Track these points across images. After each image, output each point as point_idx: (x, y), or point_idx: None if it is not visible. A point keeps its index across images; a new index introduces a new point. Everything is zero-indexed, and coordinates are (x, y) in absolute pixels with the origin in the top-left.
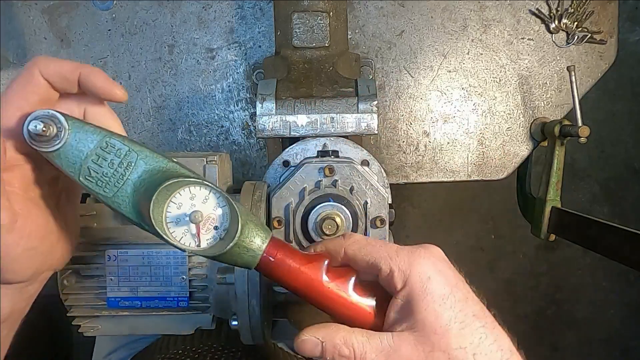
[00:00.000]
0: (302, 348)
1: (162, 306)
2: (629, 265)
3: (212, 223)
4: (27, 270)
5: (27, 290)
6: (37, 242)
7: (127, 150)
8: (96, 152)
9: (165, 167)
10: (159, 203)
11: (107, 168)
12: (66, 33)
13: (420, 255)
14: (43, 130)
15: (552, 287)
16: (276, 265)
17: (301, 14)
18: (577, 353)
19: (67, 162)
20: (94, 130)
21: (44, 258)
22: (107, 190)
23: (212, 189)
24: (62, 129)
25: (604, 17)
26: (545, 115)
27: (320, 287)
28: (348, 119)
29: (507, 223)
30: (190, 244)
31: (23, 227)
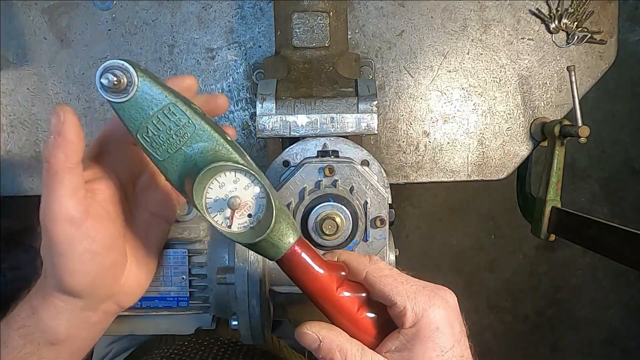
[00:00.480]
0: (302, 339)
1: (162, 306)
2: (629, 265)
3: (247, 210)
4: (84, 276)
5: (86, 316)
6: (101, 249)
7: (187, 122)
8: (158, 115)
9: (218, 147)
10: (204, 180)
11: (165, 133)
12: (66, 33)
13: (436, 304)
14: (115, 81)
15: (552, 287)
16: (296, 265)
17: (301, 14)
18: (577, 353)
19: (130, 117)
20: (161, 93)
21: (105, 273)
22: (159, 154)
23: (256, 179)
24: (132, 84)
25: (604, 17)
26: (545, 115)
27: (332, 297)
28: (348, 119)
29: (507, 223)
30: (222, 224)
31: (90, 228)
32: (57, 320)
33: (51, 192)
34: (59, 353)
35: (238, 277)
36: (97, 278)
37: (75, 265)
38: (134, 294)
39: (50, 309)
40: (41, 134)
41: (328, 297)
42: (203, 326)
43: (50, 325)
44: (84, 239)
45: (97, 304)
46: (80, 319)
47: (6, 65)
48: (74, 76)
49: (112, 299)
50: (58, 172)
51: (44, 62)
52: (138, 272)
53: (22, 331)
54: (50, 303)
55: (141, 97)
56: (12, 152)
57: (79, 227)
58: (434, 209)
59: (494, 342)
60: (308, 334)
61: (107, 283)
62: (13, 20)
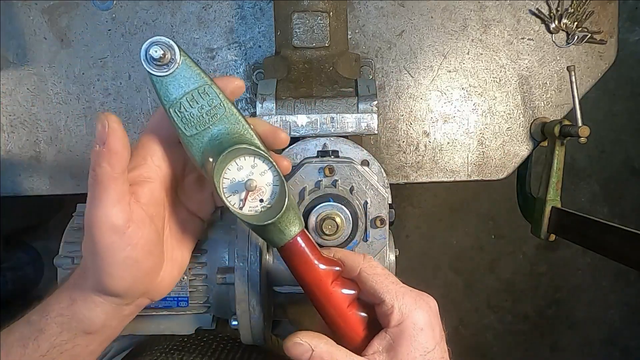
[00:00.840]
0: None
1: (162, 306)
2: (629, 265)
3: (260, 195)
4: (125, 280)
5: (121, 310)
6: (142, 255)
7: (219, 103)
8: (193, 93)
9: (244, 132)
10: (226, 159)
11: (197, 110)
12: (66, 33)
13: (421, 307)
14: (162, 54)
15: (552, 287)
16: (297, 255)
17: (301, 14)
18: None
19: (166, 92)
20: (199, 73)
21: (144, 277)
22: (188, 130)
23: (273, 167)
24: (174, 61)
25: (604, 17)
26: (545, 115)
27: (325, 289)
28: (348, 119)
29: (507, 223)
30: (235, 204)
31: (132, 236)
32: (94, 313)
33: (96, 200)
34: (92, 341)
35: (238, 277)
36: (135, 282)
37: (117, 271)
38: (166, 289)
39: (88, 303)
40: (41, 134)
41: (322, 289)
42: (203, 326)
43: (87, 317)
44: (126, 246)
45: (133, 300)
46: (116, 312)
47: (6, 65)
48: (74, 76)
49: (146, 295)
50: (103, 181)
51: (44, 62)
52: (172, 270)
53: (60, 320)
54: (88, 297)
55: (180, 74)
56: (12, 152)
57: (122, 235)
58: (434, 209)
59: (494, 342)
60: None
61: (145, 285)
62: (13, 20)
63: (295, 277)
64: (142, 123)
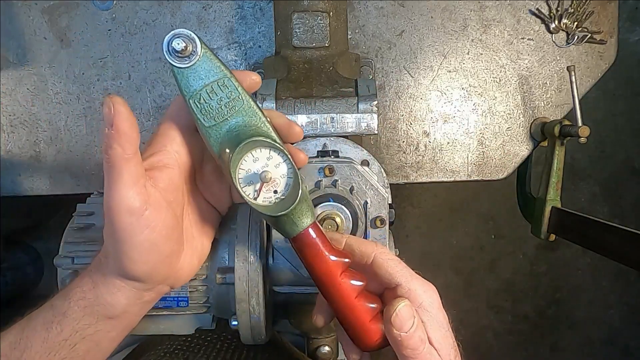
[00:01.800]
0: (400, 318)
1: (162, 306)
2: (629, 265)
3: (274, 187)
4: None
5: (142, 296)
6: (160, 238)
7: (237, 96)
8: (213, 85)
9: (260, 124)
10: (243, 150)
11: (216, 102)
12: (66, 33)
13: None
14: (183, 47)
15: (552, 287)
16: (308, 245)
17: (301, 14)
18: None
19: (187, 83)
20: (219, 66)
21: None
22: (207, 120)
23: (287, 160)
24: (195, 54)
25: (604, 17)
26: (545, 115)
27: (335, 280)
28: (348, 119)
29: (507, 223)
30: (249, 195)
31: (150, 218)
32: (116, 297)
33: (111, 183)
34: (114, 327)
35: (238, 277)
36: (156, 266)
37: (136, 254)
38: (186, 277)
39: (110, 287)
40: (41, 134)
41: (332, 280)
42: (203, 326)
43: (109, 301)
44: (144, 228)
45: (153, 286)
46: (137, 297)
47: (6, 65)
48: (74, 76)
49: (166, 281)
50: (116, 163)
51: (44, 62)
52: (192, 258)
53: (82, 303)
54: (110, 282)
55: (201, 66)
56: (12, 152)
57: (139, 217)
58: (434, 209)
59: (494, 342)
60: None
61: (165, 270)
62: (13, 20)
63: (306, 267)
64: (142, 123)
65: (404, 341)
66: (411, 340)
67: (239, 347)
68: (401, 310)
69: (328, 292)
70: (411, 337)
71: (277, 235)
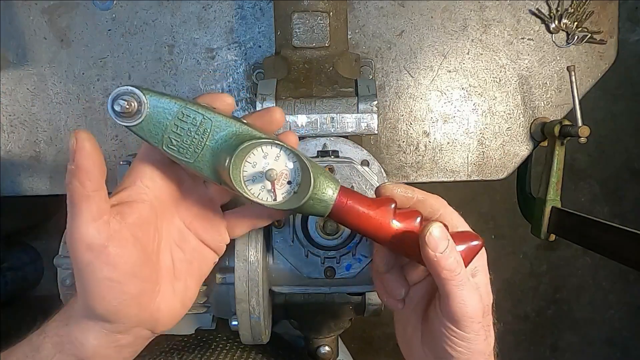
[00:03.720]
0: (434, 237)
1: None
2: (629, 265)
3: (286, 178)
4: (106, 301)
5: (116, 339)
6: (123, 276)
7: (202, 119)
8: (175, 123)
9: (238, 130)
10: (236, 165)
11: (186, 136)
12: (66, 33)
13: (484, 251)
14: (126, 107)
15: (552, 287)
16: (347, 212)
17: (301, 14)
18: (577, 353)
19: (150, 134)
20: (169, 102)
21: (130, 300)
22: (189, 157)
23: (283, 147)
24: (142, 103)
25: (604, 17)
26: (545, 115)
27: (389, 230)
28: (348, 119)
29: (507, 223)
30: (268, 199)
31: (112, 255)
32: (85, 337)
33: (72, 218)
34: None
35: (238, 277)
36: (121, 305)
37: (98, 292)
38: (167, 321)
39: (81, 324)
40: (41, 134)
41: (385, 231)
42: (203, 326)
43: (79, 340)
44: (104, 265)
45: (127, 329)
46: (109, 340)
47: (6, 65)
48: (74, 76)
49: (143, 324)
50: (77, 200)
51: (44, 62)
52: (172, 301)
53: (55, 339)
54: (79, 320)
55: (153, 112)
56: (12, 152)
57: (100, 254)
58: None
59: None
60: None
61: (134, 311)
62: (13, 20)
63: (357, 232)
64: None
65: (440, 261)
66: (447, 261)
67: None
68: (434, 230)
69: (389, 243)
70: (447, 257)
71: (277, 235)
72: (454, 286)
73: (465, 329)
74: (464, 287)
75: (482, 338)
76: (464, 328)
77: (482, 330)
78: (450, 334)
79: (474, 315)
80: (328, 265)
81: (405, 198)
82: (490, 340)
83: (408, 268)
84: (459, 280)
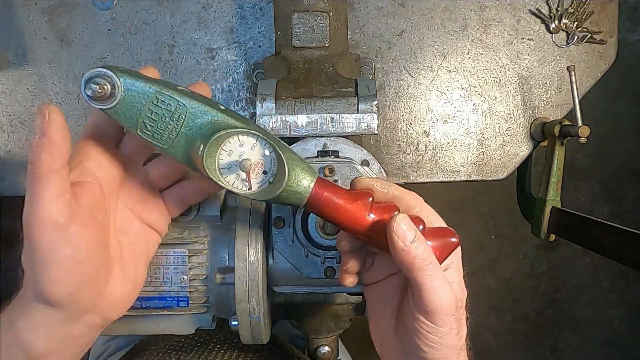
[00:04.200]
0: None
1: (162, 306)
2: (629, 265)
3: (261, 168)
4: (66, 285)
5: (67, 329)
6: (84, 257)
7: (177, 105)
8: (149, 107)
9: (214, 118)
10: (211, 153)
11: (161, 122)
12: (66, 33)
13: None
14: (98, 90)
15: (552, 287)
16: (323, 204)
17: (301, 14)
18: (577, 353)
19: (125, 118)
20: (144, 85)
21: (87, 282)
22: (163, 142)
23: (259, 137)
24: (116, 87)
25: (604, 17)
26: (545, 115)
27: (364, 223)
28: (348, 119)
29: (507, 223)
30: (242, 188)
31: (74, 234)
32: (35, 334)
33: (35, 195)
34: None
35: (238, 277)
36: (79, 287)
37: (57, 273)
38: (119, 307)
39: (28, 322)
40: None
41: (361, 224)
42: (203, 326)
43: (28, 339)
44: (67, 244)
45: (79, 316)
46: (61, 332)
47: (6, 65)
48: (74, 76)
49: (94, 311)
50: (43, 174)
51: (44, 62)
52: (124, 284)
53: (2, 345)
54: (28, 315)
55: (128, 95)
56: (12, 152)
57: (63, 233)
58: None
59: (494, 342)
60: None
61: (89, 293)
62: (13, 20)
63: (334, 224)
64: None
65: (410, 251)
66: (417, 250)
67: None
68: (401, 220)
69: (365, 237)
70: (416, 247)
71: (277, 235)
72: (426, 277)
73: (438, 322)
74: (436, 278)
75: (454, 332)
76: (437, 321)
77: (455, 323)
78: (422, 328)
79: (447, 307)
80: (328, 265)
81: (381, 193)
82: (462, 334)
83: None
84: (431, 270)
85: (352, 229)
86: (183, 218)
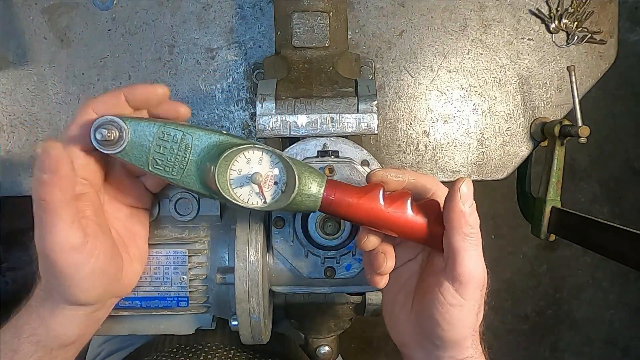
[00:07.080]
0: (466, 190)
1: (161, 306)
2: (629, 265)
3: (272, 180)
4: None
5: (95, 316)
6: (105, 263)
7: (182, 135)
8: (156, 143)
9: (218, 140)
10: (222, 174)
11: (169, 154)
12: (66, 33)
13: None
14: (107, 135)
15: (552, 287)
16: (337, 204)
17: (301, 14)
18: (577, 353)
19: (135, 158)
20: (148, 124)
21: (111, 281)
22: (175, 174)
23: (264, 150)
24: (123, 130)
25: (604, 17)
26: (545, 115)
27: (381, 214)
28: (348, 119)
29: (507, 223)
30: (258, 202)
31: (92, 249)
32: (69, 327)
33: (50, 224)
34: (69, 350)
35: (238, 277)
36: (106, 287)
37: (86, 284)
38: (132, 284)
39: (61, 318)
40: (41, 134)
41: (377, 215)
42: (203, 326)
43: (63, 332)
44: (88, 259)
45: (104, 304)
46: (90, 320)
47: (6, 65)
48: (74, 76)
49: (116, 295)
50: (56, 207)
51: (44, 62)
52: (133, 265)
53: (33, 339)
54: (59, 314)
55: (135, 137)
56: (12, 152)
57: (82, 251)
58: None
59: (494, 342)
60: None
61: (113, 287)
62: (13, 20)
63: (350, 221)
64: None
65: (468, 215)
66: (472, 216)
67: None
68: (466, 184)
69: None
70: (473, 212)
71: (277, 235)
72: (468, 244)
73: (466, 294)
74: (477, 248)
75: (475, 311)
76: (465, 293)
77: (480, 300)
78: (448, 299)
79: (478, 278)
80: (328, 265)
81: (396, 182)
82: (480, 316)
83: (399, 248)
84: (475, 240)
85: (369, 223)
86: (183, 218)
